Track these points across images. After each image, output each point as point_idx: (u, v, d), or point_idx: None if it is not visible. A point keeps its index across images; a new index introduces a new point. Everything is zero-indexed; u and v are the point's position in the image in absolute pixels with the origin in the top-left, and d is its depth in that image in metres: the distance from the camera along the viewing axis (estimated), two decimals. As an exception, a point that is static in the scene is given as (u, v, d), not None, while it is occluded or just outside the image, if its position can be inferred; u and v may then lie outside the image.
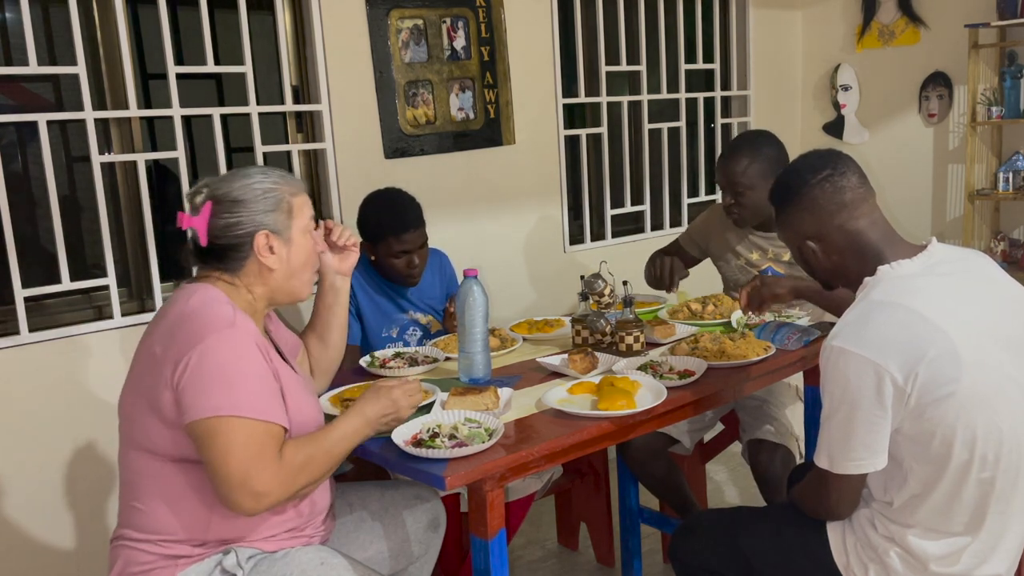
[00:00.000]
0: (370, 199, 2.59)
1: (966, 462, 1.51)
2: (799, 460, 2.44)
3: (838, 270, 1.68)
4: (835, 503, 1.63)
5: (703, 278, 2.99)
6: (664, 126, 4.01)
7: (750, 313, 2.29)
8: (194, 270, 1.72)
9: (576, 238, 3.81)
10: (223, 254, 1.64)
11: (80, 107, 2.58)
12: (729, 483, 3.39)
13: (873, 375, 1.47)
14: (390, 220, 2.49)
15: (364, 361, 2.29)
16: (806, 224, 1.66)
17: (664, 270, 2.68)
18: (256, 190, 1.64)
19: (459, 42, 3.31)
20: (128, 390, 1.62)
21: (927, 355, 1.46)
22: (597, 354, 2.18)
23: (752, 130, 3.75)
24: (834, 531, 1.68)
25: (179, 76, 2.76)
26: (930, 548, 1.56)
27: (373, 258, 2.58)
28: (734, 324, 2.42)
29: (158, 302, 2.74)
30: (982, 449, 1.50)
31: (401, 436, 1.72)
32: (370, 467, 2.13)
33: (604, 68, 3.76)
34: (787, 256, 2.60)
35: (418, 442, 1.70)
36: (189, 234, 1.65)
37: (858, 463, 1.54)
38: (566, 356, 2.16)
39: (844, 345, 1.51)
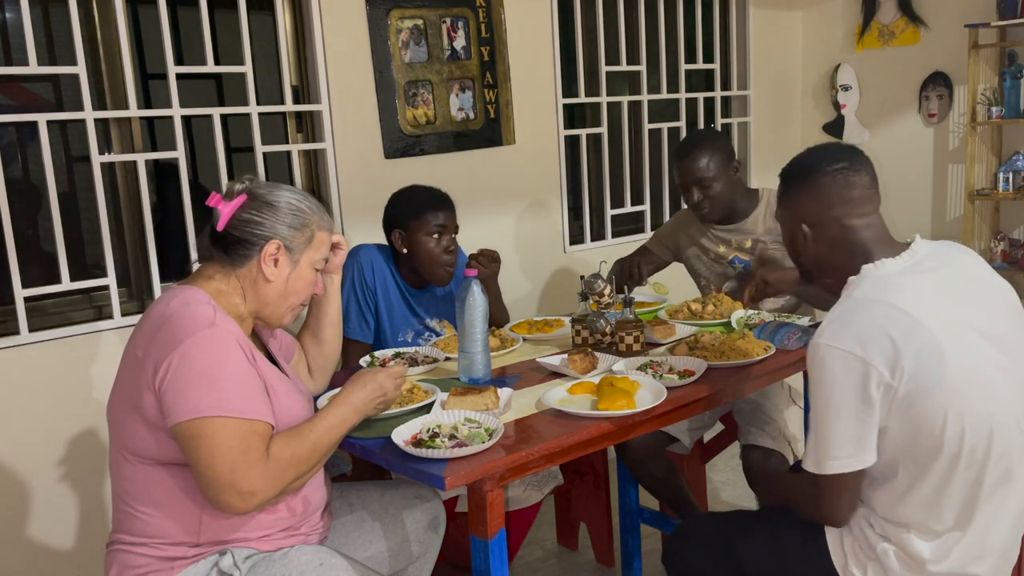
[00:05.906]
0: (401, 190, 2.57)
1: (955, 455, 1.50)
2: (792, 462, 2.44)
3: (824, 261, 1.69)
4: (828, 507, 1.60)
5: (676, 275, 3.02)
6: (664, 126, 4.01)
7: (750, 311, 2.41)
8: (194, 267, 1.72)
9: (576, 238, 3.82)
10: (231, 246, 1.64)
11: (80, 107, 2.58)
12: (729, 483, 3.39)
13: (859, 370, 1.48)
14: (427, 198, 2.48)
15: (364, 361, 2.28)
16: (807, 208, 1.67)
17: (633, 265, 2.82)
18: (292, 204, 1.67)
19: (459, 42, 3.31)
20: (115, 395, 1.62)
21: (911, 349, 1.47)
22: (597, 354, 2.18)
23: (698, 129, 3.88)
24: (831, 532, 1.67)
25: (179, 76, 2.76)
26: (925, 545, 1.56)
27: (405, 250, 2.49)
28: (734, 324, 2.42)
29: (158, 302, 2.74)
30: (971, 441, 1.50)
31: (401, 436, 1.72)
32: (370, 467, 2.13)
33: (604, 68, 3.77)
34: (749, 243, 2.73)
35: (418, 442, 1.69)
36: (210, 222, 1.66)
37: (845, 461, 1.53)
38: (566, 356, 2.16)
39: (830, 342, 1.51)
